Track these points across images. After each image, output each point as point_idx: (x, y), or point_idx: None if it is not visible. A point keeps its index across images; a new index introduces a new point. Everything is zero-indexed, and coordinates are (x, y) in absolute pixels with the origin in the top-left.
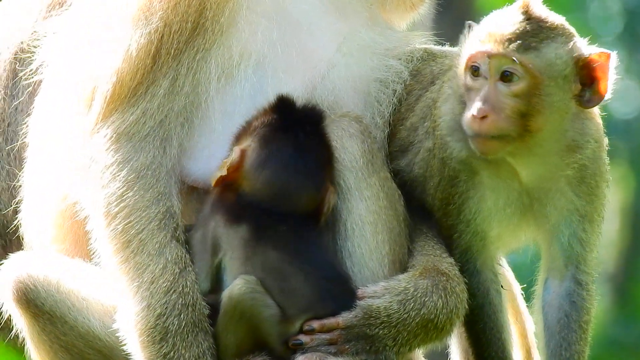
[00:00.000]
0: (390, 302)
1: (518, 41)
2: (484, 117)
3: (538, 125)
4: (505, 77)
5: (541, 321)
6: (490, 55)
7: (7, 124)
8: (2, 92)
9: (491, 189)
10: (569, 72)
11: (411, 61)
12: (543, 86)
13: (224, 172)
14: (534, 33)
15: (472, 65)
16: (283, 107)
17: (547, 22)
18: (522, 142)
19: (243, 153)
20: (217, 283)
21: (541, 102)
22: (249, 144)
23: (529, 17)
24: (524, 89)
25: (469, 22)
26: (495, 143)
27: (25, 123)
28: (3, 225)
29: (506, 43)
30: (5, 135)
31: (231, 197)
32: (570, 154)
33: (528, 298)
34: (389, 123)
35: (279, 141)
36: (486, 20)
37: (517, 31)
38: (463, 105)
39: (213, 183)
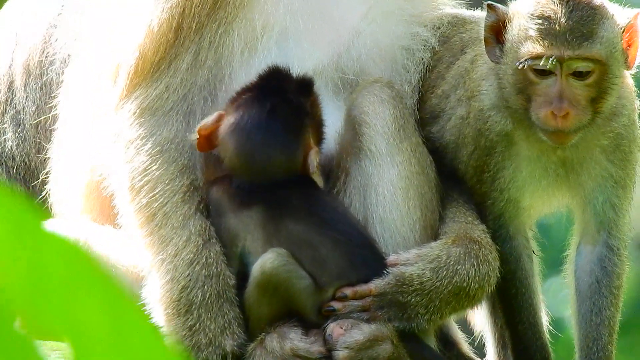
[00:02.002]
0: (423, 269)
1: (584, 37)
2: (565, 114)
3: (607, 105)
4: (578, 72)
5: (573, 286)
6: (561, 59)
7: (38, 96)
8: (37, 69)
9: (528, 160)
10: (621, 44)
11: (439, 27)
12: (610, 69)
13: (196, 135)
14: (591, 19)
15: (538, 64)
16: (270, 76)
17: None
18: (592, 123)
19: (220, 117)
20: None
21: (609, 84)
22: (229, 110)
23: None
24: (596, 78)
25: (489, 2)
26: (574, 134)
27: (54, 96)
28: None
29: (575, 42)
30: (38, 108)
31: (228, 185)
32: (607, 122)
33: (560, 263)
34: (418, 90)
35: (249, 108)
36: (528, 11)
37: (578, 24)
38: (519, 93)
39: (196, 147)
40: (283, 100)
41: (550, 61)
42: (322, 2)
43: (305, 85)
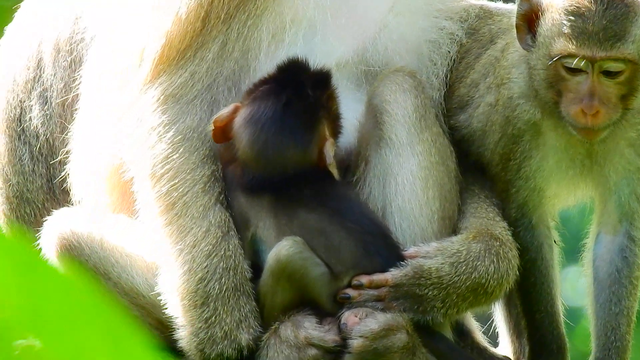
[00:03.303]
0: (443, 263)
1: (617, 36)
2: (595, 112)
3: (636, 102)
4: (609, 70)
5: (591, 274)
6: (593, 59)
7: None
8: (67, 45)
9: (555, 150)
10: None
11: (466, 19)
12: None
13: (211, 127)
14: (623, 18)
15: (569, 63)
16: (287, 68)
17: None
18: (621, 119)
19: (236, 109)
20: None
21: (639, 81)
22: (245, 102)
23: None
24: (627, 76)
25: None
26: (603, 130)
27: (78, 75)
28: (50, 178)
29: (607, 42)
30: (66, 85)
31: (240, 172)
32: (635, 115)
33: (577, 251)
34: (446, 83)
35: (265, 101)
36: (563, 5)
37: (612, 23)
38: (550, 87)
39: (212, 138)
40: (299, 93)
41: (582, 62)
42: None
43: (322, 78)
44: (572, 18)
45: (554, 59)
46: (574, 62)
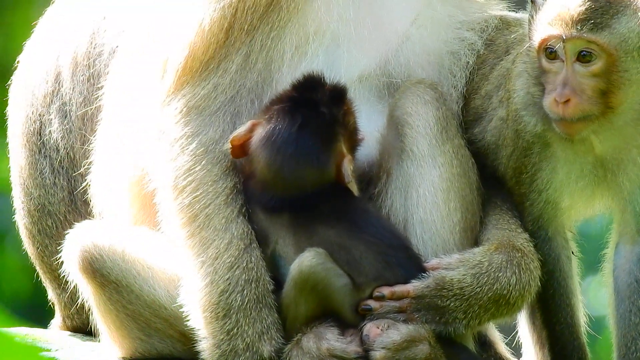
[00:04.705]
0: (464, 275)
1: (590, 21)
2: (567, 101)
3: (619, 101)
4: (582, 57)
5: (611, 285)
6: (564, 39)
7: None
8: (85, 60)
9: (564, 161)
10: None
11: (485, 30)
12: (620, 62)
13: (229, 145)
14: (603, 10)
15: (547, 48)
16: (302, 86)
17: None
18: (604, 118)
19: (253, 126)
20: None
21: (619, 79)
22: (261, 120)
23: None
24: (602, 68)
25: None
26: (580, 124)
27: (101, 87)
28: (70, 190)
29: (578, 25)
30: (85, 99)
31: (259, 189)
32: None
33: (597, 261)
34: (463, 95)
35: (280, 121)
36: (548, 2)
37: (588, 10)
38: (538, 84)
39: (231, 155)
40: (314, 112)
41: (556, 42)
42: (373, 9)
43: (337, 94)
44: (553, 8)
45: (534, 43)
46: (549, 41)
